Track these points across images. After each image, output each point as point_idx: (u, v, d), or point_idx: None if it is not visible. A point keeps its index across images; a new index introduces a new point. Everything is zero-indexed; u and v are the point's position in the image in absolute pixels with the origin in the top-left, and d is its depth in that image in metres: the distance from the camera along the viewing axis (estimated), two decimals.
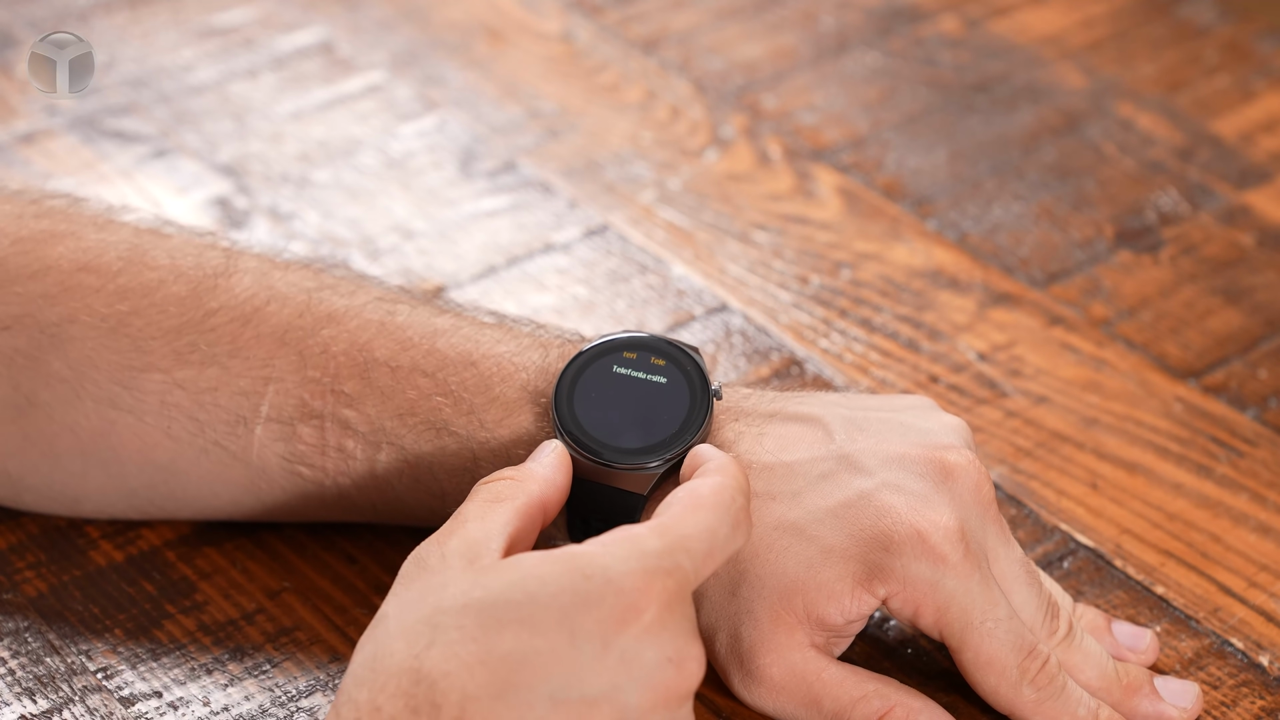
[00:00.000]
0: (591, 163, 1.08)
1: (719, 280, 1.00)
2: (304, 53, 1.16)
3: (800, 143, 1.10)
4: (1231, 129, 1.12)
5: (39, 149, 1.08)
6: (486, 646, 0.64)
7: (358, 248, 1.01)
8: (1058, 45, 1.18)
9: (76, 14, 1.18)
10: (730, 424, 0.78)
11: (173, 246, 0.81)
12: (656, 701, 0.65)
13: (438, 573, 0.66)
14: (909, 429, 0.78)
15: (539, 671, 0.64)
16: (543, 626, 0.64)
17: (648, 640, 0.65)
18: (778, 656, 0.75)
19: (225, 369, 0.79)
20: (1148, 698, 0.77)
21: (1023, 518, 0.87)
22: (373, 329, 0.79)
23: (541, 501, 0.72)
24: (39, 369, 0.79)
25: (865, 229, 1.04)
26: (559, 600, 0.64)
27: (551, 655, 0.64)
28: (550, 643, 0.64)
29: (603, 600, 0.65)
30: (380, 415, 0.78)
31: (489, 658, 0.63)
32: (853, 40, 1.19)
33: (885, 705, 0.75)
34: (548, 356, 0.79)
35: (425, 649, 0.64)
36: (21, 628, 0.80)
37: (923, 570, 0.74)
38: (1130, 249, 1.03)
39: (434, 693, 0.63)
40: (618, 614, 0.65)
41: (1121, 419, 0.92)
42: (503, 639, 0.64)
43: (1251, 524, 0.87)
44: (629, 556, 0.66)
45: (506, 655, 0.64)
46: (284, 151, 1.08)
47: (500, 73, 1.15)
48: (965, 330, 0.97)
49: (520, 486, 0.72)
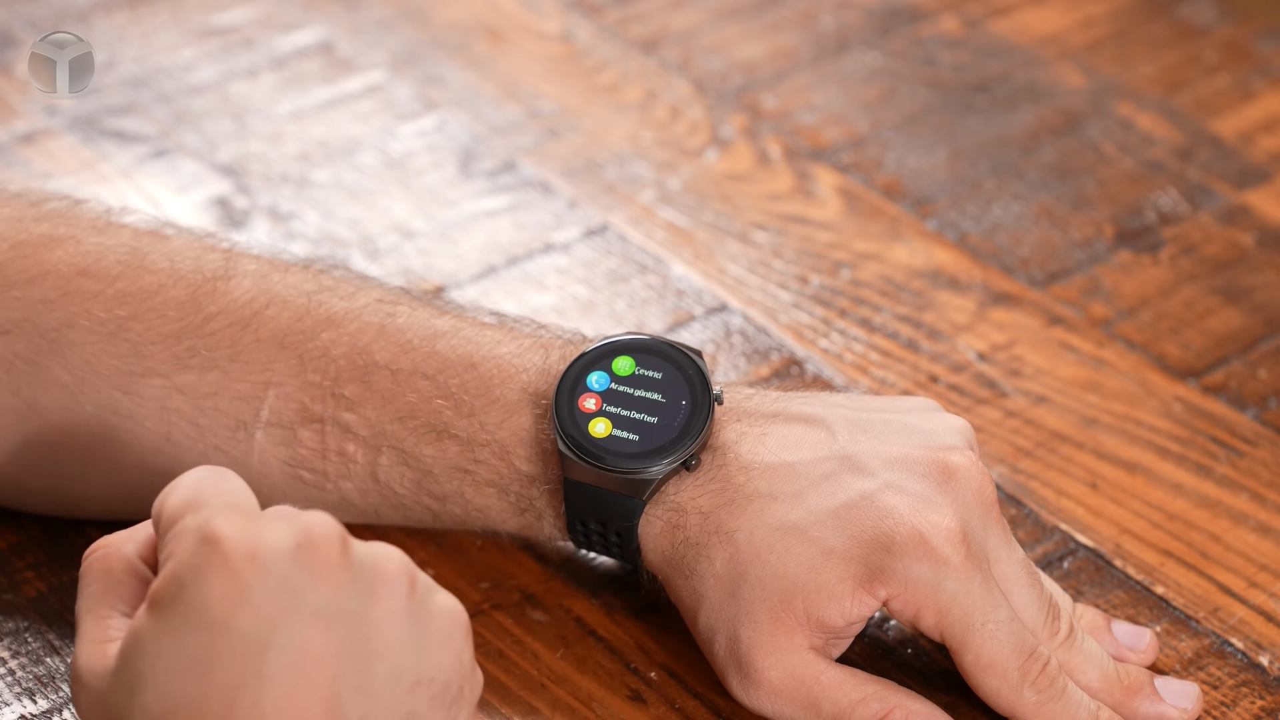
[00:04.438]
0: (591, 163, 1.08)
1: (719, 280, 1.00)
2: (304, 53, 1.16)
3: (800, 143, 1.10)
4: (1231, 129, 1.12)
5: (39, 149, 1.08)
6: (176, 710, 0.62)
7: (358, 248, 1.01)
8: (1057, 45, 1.18)
9: (76, 14, 1.18)
10: (732, 424, 0.78)
11: (172, 250, 0.81)
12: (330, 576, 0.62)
13: (97, 704, 0.64)
14: (912, 430, 0.78)
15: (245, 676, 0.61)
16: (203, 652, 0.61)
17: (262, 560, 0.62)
18: (777, 659, 0.75)
19: (225, 373, 0.79)
20: (1148, 699, 0.77)
21: (1022, 518, 0.87)
22: (373, 332, 0.79)
23: (140, 555, 0.67)
24: (39, 374, 0.79)
25: (865, 229, 1.04)
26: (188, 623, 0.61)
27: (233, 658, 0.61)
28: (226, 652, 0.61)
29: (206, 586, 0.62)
30: (381, 419, 0.78)
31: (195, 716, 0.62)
32: (853, 40, 1.19)
33: (885, 708, 0.75)
34: (549, 358, 0.79)
35: None
36: (21, 628, 0.80)
37: (924, 572, 0.74)
38: (1130, 249, 1.03)
39: None
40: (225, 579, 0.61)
41: (1121, 419, 0.92)
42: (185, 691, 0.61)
43: (1251, 524, 0.87)
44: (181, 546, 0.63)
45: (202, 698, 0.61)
46: (284, 151, 1.08)
47: (500, 73, 1.15)
48: (965, 330, 0.97)
49: (115, 552, 0.67)
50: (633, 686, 0.79)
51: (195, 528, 0.63)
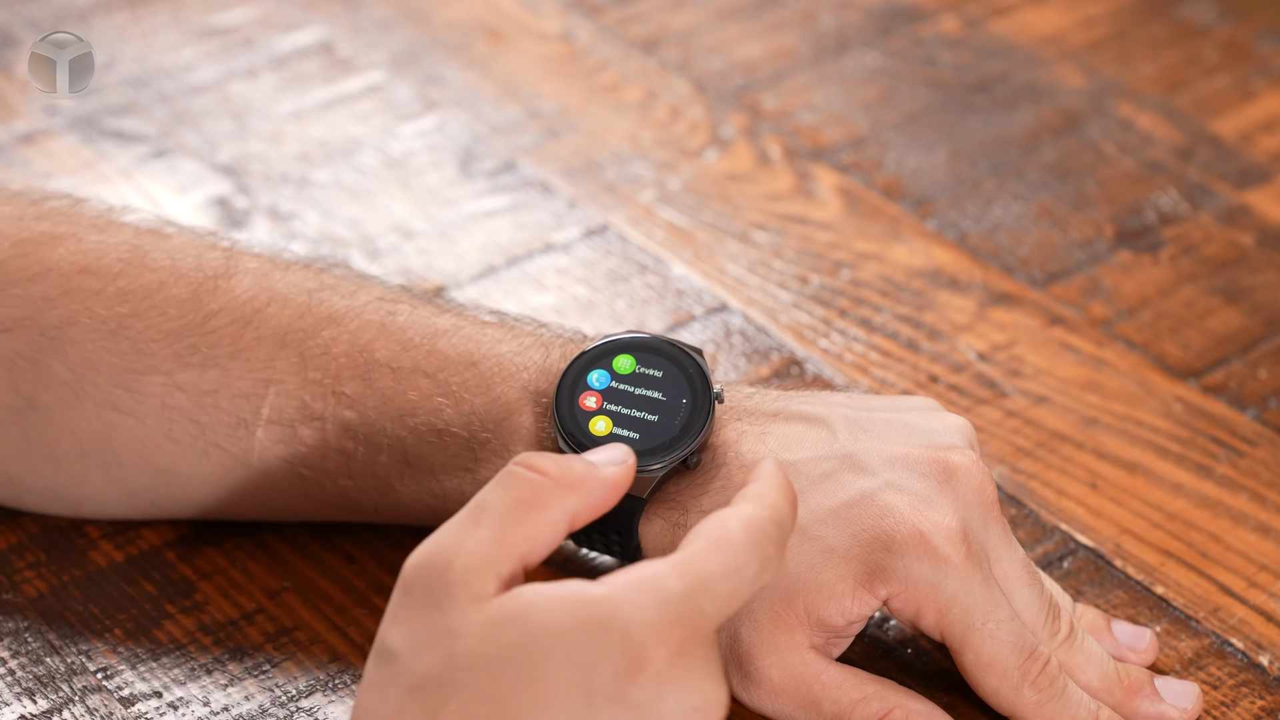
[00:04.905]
0: (591, 163, 1.08)
1: (719, 280, 1.00)
2: (304, 53, 1.16)
3: (800, 143, 1.10)
4: (1231, 129, 1.12)
5: (39, 149, 1.08)
6: (502, 709, 0.61)
7: (358, 248, 1.01)
8: (1057, 45, 1.18)
9: (76, 14, 1.18)
10: (733, 423, 0.78)
11: (173, 248, 0.81)
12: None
13: (445, 610, 0.62)
14: (912, 429, 0.78)
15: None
16: (557, 684, 0.61)
17: (665, 689, 0.61)
18: (777, 658, 0.75)
19: (226, 371, 0.79)
20: (1148, 698, 0.77)
21: (1023, 518, 0.87)
22: (373, 330, 0.79)
23: (573, 517, 0.66)
24: (39, 372, 0.79)
25: (865, 229, 1.04)
26: (574, 656, 0.61)
27: (568, 716, 0.61)
28: (567, 702, 0.61)
29: (620, 653, 0.61)
30: (381, 417, 0.78)
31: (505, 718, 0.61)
32: (853, 40, 1.19)
33: (885, 707, 0.75)
34: (549, 356, 0.79)
35: (441, 707, 0.61)
36: (21, 628, 0.80)
37: (924, 571, 0.74)
38: (1130, 249, 1.03)
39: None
40: (633, 664, 0.61)
41: (1121, 419, 0.92)
42: (518, 700, 0.61)
43: (1251, 524, 0.87)
44: (649, 605, 0.62)
45: (521, 715, 0.61)
46: (284, 151, 1.08)
47: (500, 72, 1.15)
48: (965, 330, 0.97)
49: (557, 494, 0.65)
50: None
51: (674, 609, 0.62)
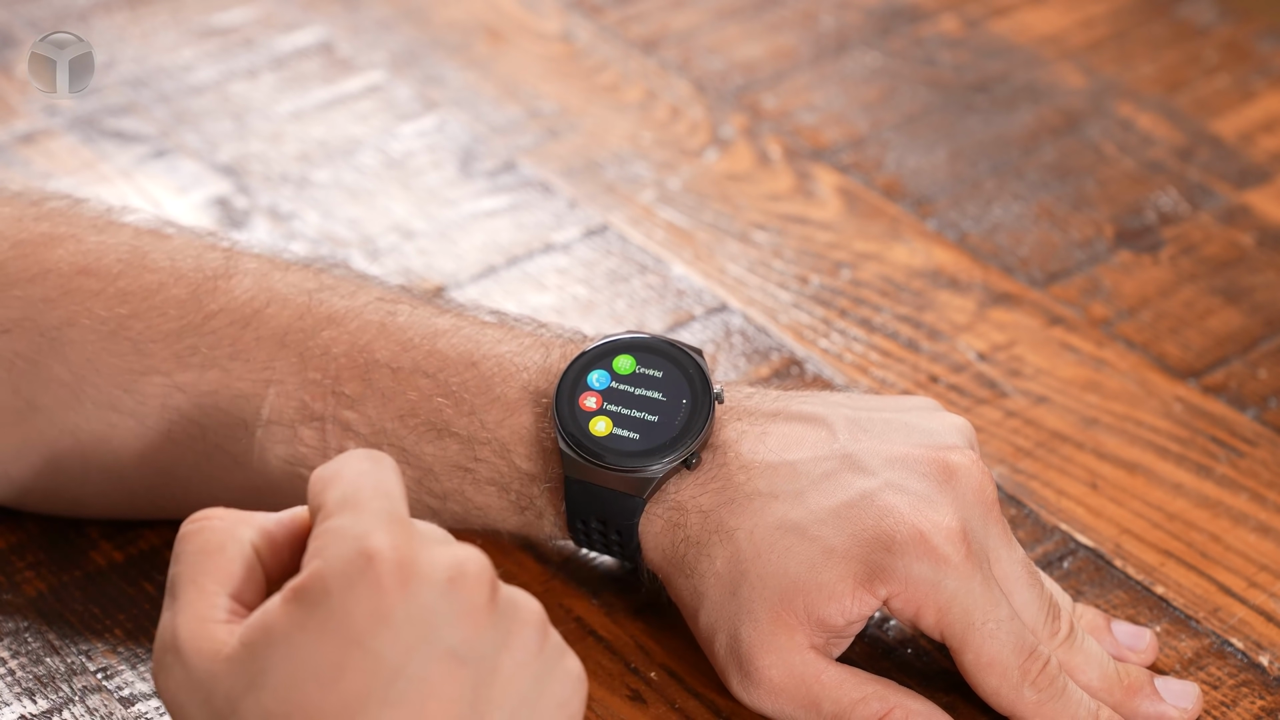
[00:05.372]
0: (591, 163, 1.08)
1: (719, 280, 1.00)
2: (304, 53, 1.16)
3: (800, 143, 1.10)
4: (1231, 129, 1.12)
5: (39, 149, 1.08)
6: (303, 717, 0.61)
7: (358, 248, 1.01)
8: (1058, 45, 1.18)
9: (76, 14, 1.18)
10: (733, 423, 0.78)
11: (173, 248, 0.81)
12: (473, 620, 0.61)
13: (196, 679, 0.62)
14: (912, 429, 0.78)
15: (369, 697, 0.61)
16: (336, 662, 0.61)
17: (413, 587, 0.61)
18: (777, 658, 0.75)
19: (226, 372, 0.79)
20: (1149, 698, 0.77)
21: (1023, 518, 0.87)
22: (373, 330, 0.79)
23: (254, 546, 0.65)
24: (39, 373, 0.79)
25: (865, 229, 1.04)
26: (327, 630, 0.61)
27: (363, 676, 0.60)
28: (354, 667, 0.61)
29: (351, 598, 0.60)
30: (381, 417, 0.78)
31: None
32: (853, 40, 1.19)
33: (885, 707, 0.75)
34: (549, 356, 0.79)
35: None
36: (21, 628, 0.80)
37: (924, 571, 0.74)
38: (1130, 249, 1.03)
39: None
40: (372, 594, 0.60)
41: (1121, 419, 0.92)
42: (311, 699, 0.61)
43: (1251, 524, 0.87)
44: (337, 548, 0.61)
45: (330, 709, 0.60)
46: (284, 151, 1.08)
47: (500, 73, 1.15)
48: (965, 330, 0.97)
49: (227, 530, 0.65)
50: (633, 686, 0.79)
51: (353, 536, 0.61)
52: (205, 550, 0.64)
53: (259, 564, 0.65)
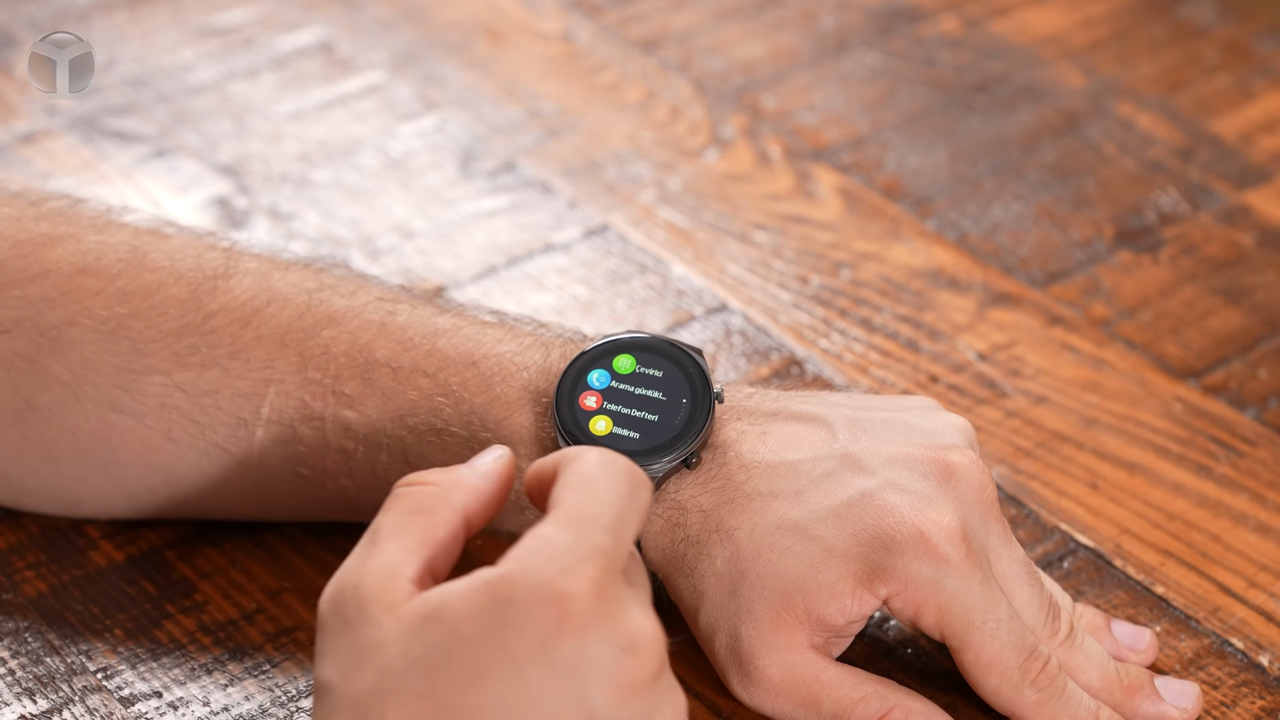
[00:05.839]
0: (591, 163, 1.08)
1: (719, 280, 1.00)
2: (304, 53, 1.16)
3: (800, 143, 1.10)
4: (1231, 129, 1.12)
5: (39, 149, 1.08)
6: (438, 703, 0.61)
7: (358, 248, 1.01)
8: (1058, 45, 1.18)
9: (76, 14, 1.18)
10: (733, 423, 0.78)
11: (172, 248, 0.81)
12: (623, 694, 0.62)
13: (363, 628, 0.63)
14: (912, 429, 0.78)
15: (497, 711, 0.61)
16: (486, 667, 0.61)
17: (589, 638, 0.62)
18: (777, 657, 0.75)
19: (226, 371, 0.79)
20: (1149, 698, 0.77)
21: (1022, 518, 0.87)
22: (373, 330, 0.79)
23: (465, 515, 0.67)
24: (39, 372, 0.79)
25: (865, 229, 1.04)
26: (495, 636, 0.61)
27: (502, 692, 0.61)
28: (498, 680, 0.61)
29: (531, 617, 0.61)
30: (381, 416, 0.78)
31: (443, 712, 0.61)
32: (853, 40, 1.19)
33: (885, 707, 0.75)
34: (549, 356, 0.79)
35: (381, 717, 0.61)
36: (21, 628, 0.80)
37: (924, 570, 0.74)
38: (1130, 249, 1.03)
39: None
40: (550, 624, 0.61)
41: (1121, 419, 0.92)
42: (452, 692, 0.61)
43: (1251, 524, 0.87)
44: (545, 562, 0.62)
45: (460, 707, 0.61)
46: (284, 151, 1.08)
47: (500, 73, 1.15)
48: (965, 330, 0.97)
49: (443, 497, 0.66)
50: None
51: (562, 564, 0.62)
52: (418, 509, 0.65)
53: (464, 532, 0.66)
